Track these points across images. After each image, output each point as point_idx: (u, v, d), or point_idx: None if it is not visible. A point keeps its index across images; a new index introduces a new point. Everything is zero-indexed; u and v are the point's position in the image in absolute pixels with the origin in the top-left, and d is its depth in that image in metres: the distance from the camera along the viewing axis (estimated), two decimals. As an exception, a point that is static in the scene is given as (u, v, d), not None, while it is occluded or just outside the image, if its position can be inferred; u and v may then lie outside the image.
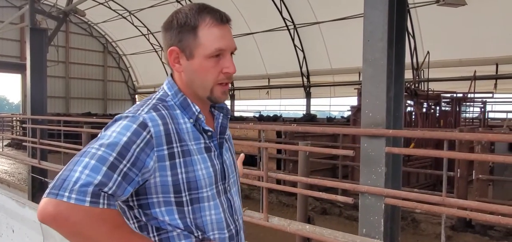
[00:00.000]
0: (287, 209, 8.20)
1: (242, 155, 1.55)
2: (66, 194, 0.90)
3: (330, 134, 9.80)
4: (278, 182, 7.03)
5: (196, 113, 1.13)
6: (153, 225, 1.09)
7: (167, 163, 1.05)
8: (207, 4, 1.17)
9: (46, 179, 8.63)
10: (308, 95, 22.18)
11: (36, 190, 8.88)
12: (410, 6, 15.34)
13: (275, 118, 18.71)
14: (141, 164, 1.00)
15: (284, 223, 3.89)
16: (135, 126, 1.01)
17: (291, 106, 24.72)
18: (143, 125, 1.02)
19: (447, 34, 15.35)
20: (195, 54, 1.12)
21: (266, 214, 3.96)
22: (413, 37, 16.34)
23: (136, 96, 33.39)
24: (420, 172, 9.16)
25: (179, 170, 1.07)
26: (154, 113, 1.06)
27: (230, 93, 25.88)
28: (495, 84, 15.53)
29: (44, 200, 0.92)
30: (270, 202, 8.32)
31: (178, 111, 1.12)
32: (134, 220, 1.11)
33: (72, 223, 0.90)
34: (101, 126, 11.42)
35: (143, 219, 1.09)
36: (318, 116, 19.60)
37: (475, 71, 13.84)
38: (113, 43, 31.45)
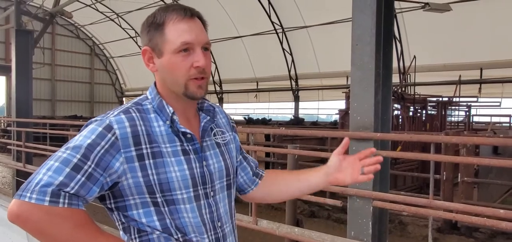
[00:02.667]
0: (276, 212, 8.20)
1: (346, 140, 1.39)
2: (28, 194, 0.95)
3: (319, 137, 9.86)
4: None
5: (170, 114, 1.12)
6: (134, 227, 1.10)
7: (137, 164, 1.06)
8: (178, 3, 1.17)
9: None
10: (296, 99, 22.28)
11: (21, 194, 8.71)
12: (397, 11, 15.54)
13: (265, 122, 18.75)
14: (105, 164, 1.02)
15: (273, 226, 3.89)
16: (100, 129, 1.04)
17: (280, 109, 24.79)
18: (108, 127, 1.04)
19: (432, 39, 15.60)
20: (164, 51, 1.12)
21: (255, 217, 3.97)
22: (400, 42, 16.55)
23: (124, 99, 33.10)
24: (407, 174, 9.27)
25: (149, 171, 1.06)
26: (122, 116, 1.08)
27: (219, 96, 25.85)
28: (480, 88, 15.82)
29: (12, 201, 0.97)
30: (259, 205, 8.30)
31: (153, 114, 1.12)
32: (119, 223, 1.12)
33: (34, 221, 0.95)
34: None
35: (123, 220, 1.11)
36: (306, 120, 19.69)
37: (460, 76, 14.09)
38: (100, 46, 31.16)
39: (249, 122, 18.19)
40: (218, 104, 1.73)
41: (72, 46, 30.19)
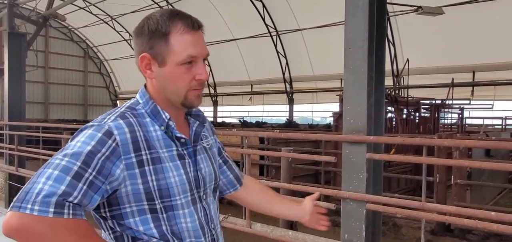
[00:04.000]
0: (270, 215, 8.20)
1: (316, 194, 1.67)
2: (29, 206, 0.89)
3: (313, 140, 9.88)
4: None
5: (166, 120, 1.11)
6: (129, 235, 1.08)
7: (137, 170, 1.04)
8: (178, 9, 1.16)
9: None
10: (291, 102, 22.30)
11: (13, 198, 8.64)
12: (390, 14, 15.64)
13: (259, 125, 18.74)
14: (107, 172, 0.99)
15: (267, 229, 3.89)
16: (100, 135, 1.01)
17: (274, 112, 24.81)
18: (109, 133, 1.02)
19: (426, 42, 15.71)
20: (167, 61, 1.10)
21: (249, 220, 3.96)
22: (393, 44, 16.65)
23: (118, 102, 32.93)
24: (400, 177, 9.30)
25: (149, 178, 1.05)
26: (121, 121, 1.05)
27: (213, 99, 25.82)
28: (472, 91, 15.96)
29: (8, 213, 0.90)
30: (253, 208, 8.29)
31: (148, 119, 1.11)
32: (110, 231, 1.10)
33: (37, 235, 0.89)
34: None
35: (118, 229, 1.08)
36: (300, 123, 19.70)
37: (452, 79, 14.21)
38: (94, 48, 31.01)
39: (244, 124, 18.17)
40: (209, 110, 1.79)
41: (65, 49, 30.01)
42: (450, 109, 13.34)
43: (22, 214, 0.89)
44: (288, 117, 21.63)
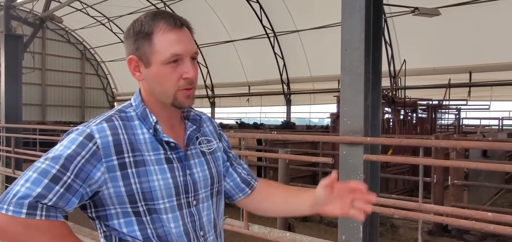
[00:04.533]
0: (268, 217, 8.20)
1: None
2: (5, 206, 0.93)
3: (310, 141, 9.89)
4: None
5: (153, 123, 1.11)
6: (116, 236, 1.09)
7: (118, 173, 1.04)
8: (163, 10, 1.15)
9: (20, 189, 8.38)
10: (288, 103, 22.32)
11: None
12: (387, 15, 15.68)
13: (256, 126, 18.76)
14: (85, 175, 1.01)
15: (265, 231, 3.89)
16: (81, 138, 1.03)
17: (272, 113, 24.82)
18: (90, 137, 1.03)
19: (422, 43, 15.75)
20: (152, 61, 1.09)
21: (247, 222, 3.96)
22: (390, 46, 16.69)
23: (115, 103, 32.86)
24: (398, 178, 9.32)
25: (132, 180, 1.05)
26: (104, 125, 1.06)
27: (211, 100, 25.81)
28: (469, 92, 16.01)
29: None
30: (251, 209, 8.29)
31: (136, 122, 1.11)
32: (101, 231, 1.12)
33: (11, 234, 0.94)
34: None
35: (104, 229, 1.10)
36: (298, 124, 19.72)
37: (449, 79, 14.25)
38: (91, 50, 30.94)
39: (241, 126, 18.18)
40: (206, 111, 1.71)
41: (62, 50, 29.93)
42: (447, 110, 13.38)
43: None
44: (285, 119, 21.65)
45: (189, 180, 1.15)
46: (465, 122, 15.40)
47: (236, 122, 20.45)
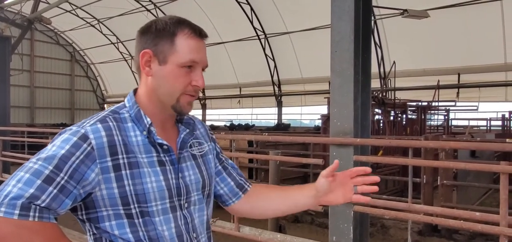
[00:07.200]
0: (266, 218, 8.19)
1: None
2: None
3: (301, 143, 9.91)
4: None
5: (148, 125, 1.11)
6: (106, 239, 1.08)
7: (112, 174, 1.04)
8: (186, 19, 1.18)
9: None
10: (279, 104, 22.36)
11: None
12: (376, 17, 15.82)
13: (247, 128, 18.74)
14: (79, 176, 1.00)
15: (256, 233, 3.89)
16: (75, 139, 1.02)
17: (263, 115, 24.84)
18: (84, 137, 1.02)
19: (412, 45, 15.91)
20: (169, 60, 1.12)
21: (237, 224, 3.96)
22: (380, 47, 16.82)
23: (105, 105, 32.63)
24: (388, 178, 9.38)
25: (126, 182, 1.05)
26: (99, 125, 1.06)
27: (202, 102, 25.75)
28: (458, 93, 16.20)
29: None
30: (242, 211, 8.27)
31: (130, 124, 1.11)
32: (91, 234, 1.10)
33: (2, 235, 0.92)
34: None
35: (94, 231, 1.09)
36: (291, 125, 19.76)
37: (438, 81, 14.41)
38: (80, 52, 30.68)
39: (232, 128, 18.15)
40: (197, 113, 1.71)
41: (51, 52, 29.64)
42: (436, 111, 13.52)
43: None
44: (278, 120, 21.69)
45: (181, 183, 1.16)
46: (454, 122, 15.57)
47: (225, 125, 20.41)
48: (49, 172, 0.96)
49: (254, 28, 20.13)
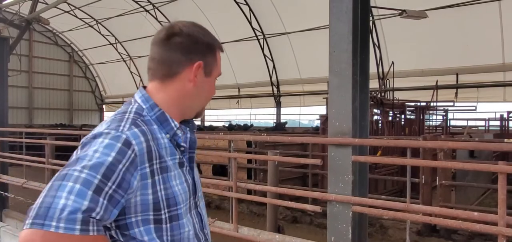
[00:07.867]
0: (258, 219, 8.19)
1: None
2: (54, 223, 0.84)
3: (300, 143, 9.91)
4: (249, 191, 7.03)
5: (175, 128, 1.11)
6: None
7: (149, 181, 1.02)
8: (201, 25, 1.21)
9: (6, 193, 8.26)
10: (278, 105, 22.37)
11: (-4, 205, 8.47)
12: (375, 18, 15.83)
13: (246, 128, 18.73)
14: (126, 185, 0.96)
15: (254, 233, 3.89)
16: (119, 145, 0.96)
17: (262, 115, 24.84)
18: (127, 143, 0.98)
19: (410, 45, 15.94)
20: (212, 73, 1.18)
21: (236, 225, 3.95)
22: (379, 48, 16.83)
23: (104, 106, 32.60)
24: (387, 179, 9.39)
25: (158, 187, 1.04)
26: (136, 130, 1.02)
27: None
28: (456, 93, 16.22)
29: (28, 231, 0.84)
30: (241, 212, 8.30)
31: (155, 126, 1.09)
32: (115, 240, 1.07)
33: None
34: (66, 138, 11.07)
35: (121, 239, 1.05)
36: (289, 125, 19.74)
37: (437, 81, 14.42)
38: (79, 52, 30.64)
39: (230, 128, 18.15)
40: None
41: (50, 53, 29.59)
42: (434, 111, 13.53)
43: (46, 232, 0.84)
44: (276, 121, 21.67)
45: (195, 182, 1.19)
46: (452, 123, 15.58)
47: (224, 126, 20.41)
48: (98, 181, 0.91)
49: (253, 29, 20.13)
